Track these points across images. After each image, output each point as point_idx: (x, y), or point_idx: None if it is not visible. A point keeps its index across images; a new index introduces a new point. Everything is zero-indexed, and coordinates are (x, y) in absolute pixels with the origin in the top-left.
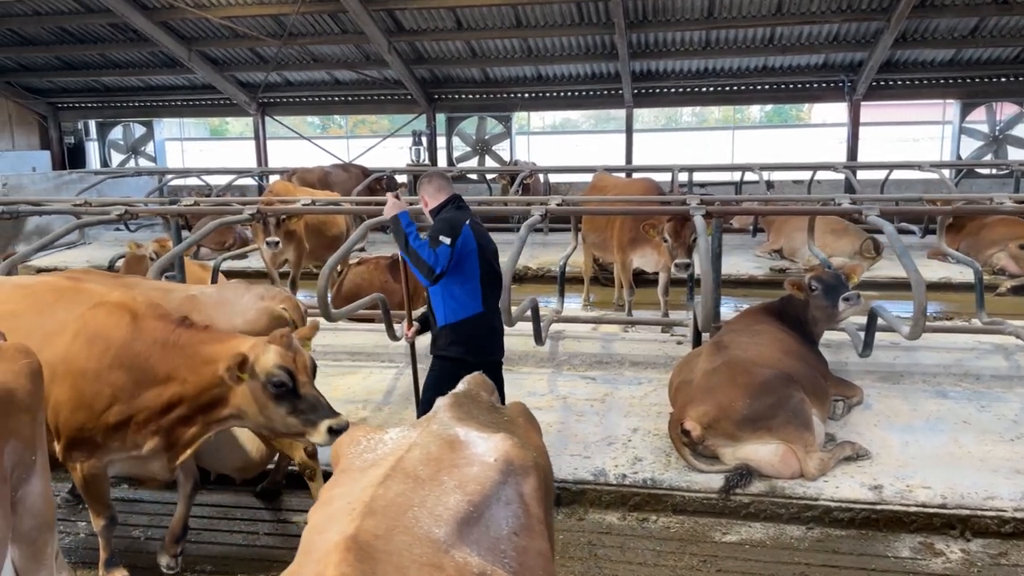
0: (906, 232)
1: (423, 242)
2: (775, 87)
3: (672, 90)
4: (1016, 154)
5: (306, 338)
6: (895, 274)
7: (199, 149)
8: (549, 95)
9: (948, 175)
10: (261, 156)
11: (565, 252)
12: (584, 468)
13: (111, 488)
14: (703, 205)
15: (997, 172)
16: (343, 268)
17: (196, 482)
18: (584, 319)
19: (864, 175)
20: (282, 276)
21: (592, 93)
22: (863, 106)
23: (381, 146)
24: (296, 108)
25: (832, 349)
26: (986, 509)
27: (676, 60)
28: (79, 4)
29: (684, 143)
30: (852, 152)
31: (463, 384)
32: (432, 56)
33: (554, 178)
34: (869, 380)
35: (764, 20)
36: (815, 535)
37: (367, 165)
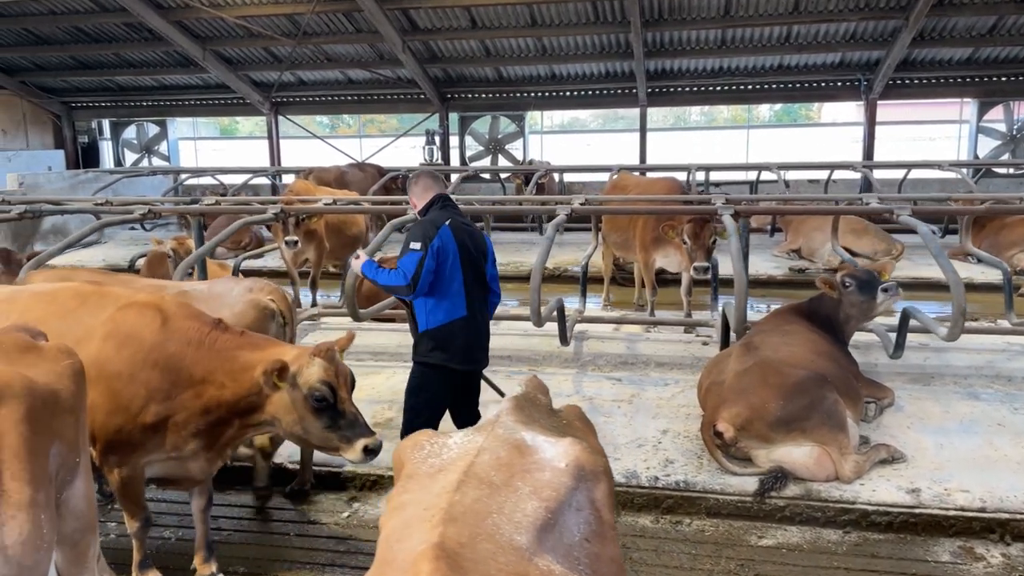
0: None
1: (384, 271)
2: (790, 86)
3: (686, 89)
4: None
5: (342, 349)
6: (916, 274)
7: (212, 148)
8: (562, 94)
9: (967, 174)
10: (274, 155)
11: (586, 252)
12: (615, 470)
13: None
14: (730, 205)
15: (1014, 172)
16: None
17: (210, 498)
18: (608, 319)
19: (880, 174)
20: (302, 276)
21: (605, 92)
22: (879, 105)
23: (393, 146)
24: (309, 107)
25: (861, 350)
26: None
27: (691, 59)
28: (94, 3)
29: (693, 142)
30: (868, 151)
31: (521, 387)
32: (446, 55)
33: (567, 177)
34: (899, 382)
35: (781, 19)
36: (852, 539)
37: (379, 164)
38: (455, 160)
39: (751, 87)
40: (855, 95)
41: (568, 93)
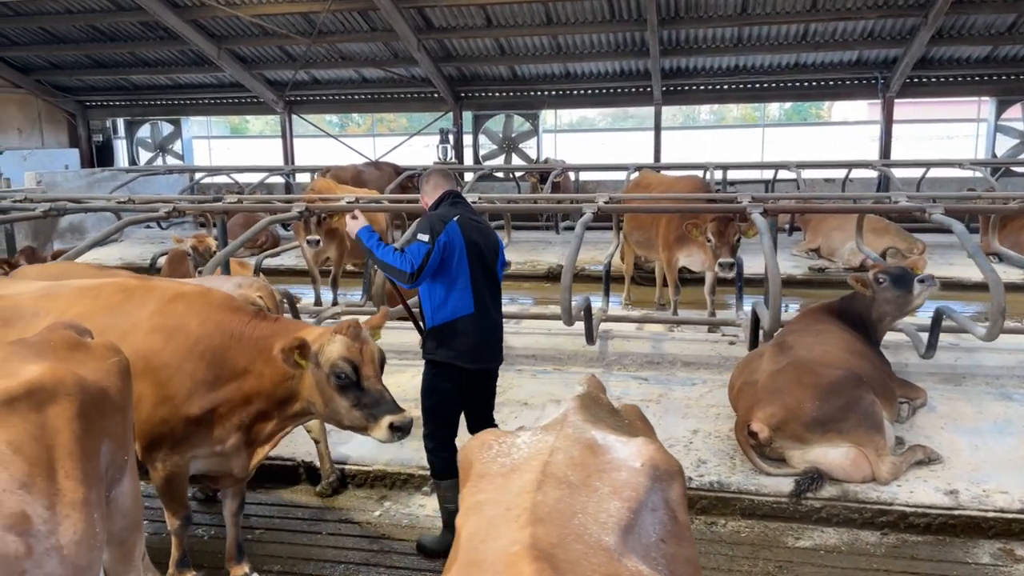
0: (947, 231)
1: (388, 248)
2: (805, 84)
3: (701, 88)
4: None
5: (375, 327)
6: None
7: (225, 147)
8: (576, 93)
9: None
10: (288, 154)
11: (607, 251)
12: None
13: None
14: (757, 203)
15: None
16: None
17: (243, 501)
18: (632, 319)
19: (898, 173)
20: (323, 274)
21: (619, 91)
22: (896, 103)
23: (406, 145)
24: (322, 106)
25: (890, 350)
26: None
27: (706, 57)
28: (111, 2)
29: (703, 141)
30: (886, 150)
31: (581, 386)
32: (461, 54)
33: (582, 176)
34: (930, 382)
35: (798, 16)
36: (891, 541)
37: (395, 163)
38: (468, 159)
39: (766, 85)
40: (872, 93)
41: (582, 92)
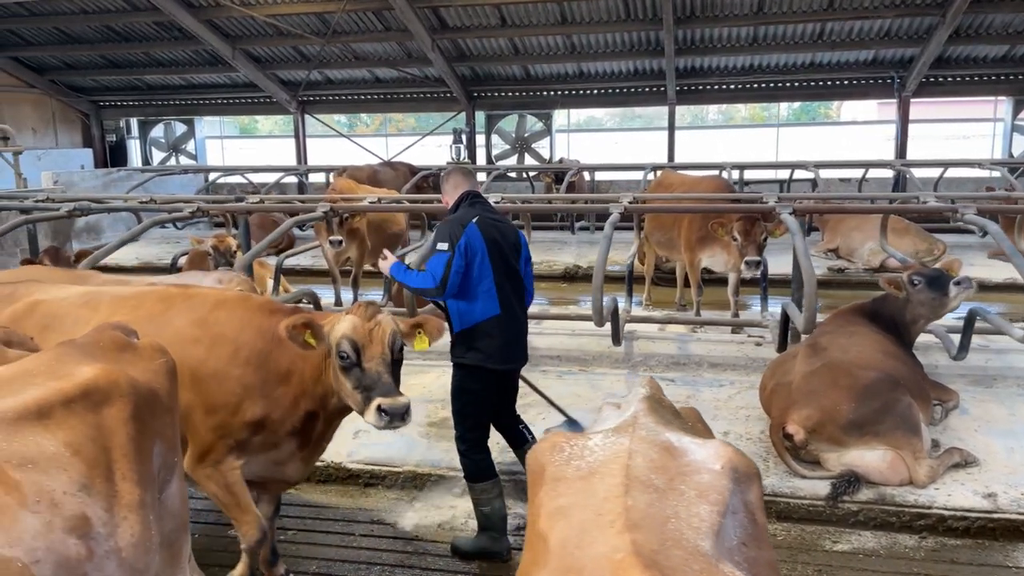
0: (966, 231)
1: (413, 272)
2: (821, 83)
3: (715, 87)
4: None
5: (431, 335)
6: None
7: (239, 147)
8: (589, 92)
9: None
10: (301, 154)
11: (630, 251)
12: None
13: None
14: (786, 203)
15: None
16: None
17: (278, 506)
18: (655, 319)
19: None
20: (343, 274)
21: (633, 90)
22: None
23: (419, 144)
24: (335, 106)
25: (920, 351)
26: None
27: (722, 56)
28: (126, 2)
29: (712, 141)
30: (902, 149)
31: (644, 388)
32: (474, 53)
33: (597, 176)
34: (961, 384)
35: (815, 15)
36: (929, 544)
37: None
38: (481, 159)
39: (780, 84)
40: (887, 93)
41: (595, 91)
